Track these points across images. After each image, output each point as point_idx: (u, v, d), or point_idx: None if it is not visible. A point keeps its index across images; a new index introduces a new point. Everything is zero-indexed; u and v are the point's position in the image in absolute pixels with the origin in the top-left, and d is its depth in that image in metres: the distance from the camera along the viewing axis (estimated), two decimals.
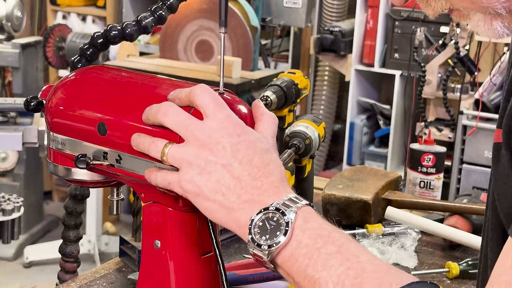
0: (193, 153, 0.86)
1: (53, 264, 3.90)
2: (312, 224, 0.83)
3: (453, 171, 3.65)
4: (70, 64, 1.24)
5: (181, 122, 0.88)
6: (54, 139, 1.05)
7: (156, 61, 3.83)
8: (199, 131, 0.87)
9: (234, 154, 0.85)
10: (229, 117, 0.88)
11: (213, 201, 0.85)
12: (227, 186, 0.85)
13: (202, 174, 0.86)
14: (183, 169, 0.87)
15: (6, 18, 3.93)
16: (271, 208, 0.83)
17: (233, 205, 0.85)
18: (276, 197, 0.84)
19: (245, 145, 0.86)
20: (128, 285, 1.31)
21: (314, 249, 0.80)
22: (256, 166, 0.86)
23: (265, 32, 4.19)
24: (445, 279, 1.40)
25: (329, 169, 4.57)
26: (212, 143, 0.86)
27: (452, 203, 1.63)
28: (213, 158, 0.85)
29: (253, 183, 0.85)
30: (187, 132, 0.88)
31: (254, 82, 3.48)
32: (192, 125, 0.88)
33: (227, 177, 0.85)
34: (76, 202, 1.33)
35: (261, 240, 0.82)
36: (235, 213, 0.85)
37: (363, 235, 1.53)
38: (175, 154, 0.87)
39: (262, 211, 0.83)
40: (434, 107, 3.90)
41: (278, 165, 0.88)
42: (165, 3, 1.22)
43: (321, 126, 1.47)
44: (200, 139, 0.86)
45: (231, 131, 0.87)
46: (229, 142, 0.86)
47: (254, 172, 0.85)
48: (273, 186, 0.85)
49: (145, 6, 4.52)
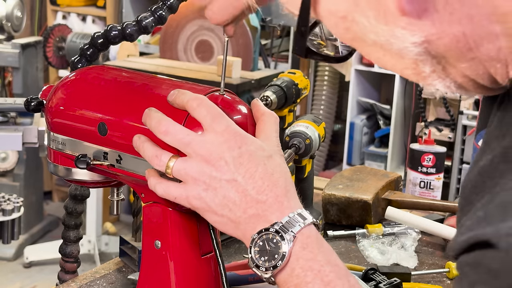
0: (197, 169, 0.87)
1: (53, 264, 3.91)
2: (307, 253, 0.84)
3: (453, 171, 3.66)
4: (70, 64, 1.24)
5: (182, 140, 0.88)
6: (54, 139, 1.05)
7: (156, 61, 3.83)
8: (200, 147, 0.87)
9: (237, 169, 0.86)
10: (228, 128, 0.88)
11: (221, 216, 0.87)
12: (233, 202, 0.86)
13: (208, 191, 0.86)
14: (189, 185, 0.88)
15: (6, 18, 3.93)
16: (272, 229, 0.84)
17: (240, 219, 0.86)
18: (280, 214, 0.85)
19: (247, 157, 0.87)
20: (128, 285, 1.31)
21: (304, 282, 0.83)
22: (260, 179, 0.86)
23: (265, 32, 4.19)
24: (445, 279, 1.40)
25: (329, 169, 4.57)
26: (214, 159, 0.86)
27: (452, 203, 1.63)
28: (217, 174, 0.86)
29: (258, 197, 0.86)
30: (188, 149, 0.88)
31: (254, 82, 3.48)
32: (193, 142, 0.88)
33: (232, 193, 0.86)
34: (76, 202, 1.33)
35: (260, 261, 0.85)
36: (242, 227, 0.86)
37: (363, 235, 1.53)
38: (180, 170, 0.88)
39: (263, 231, 0.85)
40: (434, 107, 3.90)
41: (283, 172, 0.88)
42: (165, 3, 1.22)
43: (321, 126, 1.47)
44: (202, 155, 0.87)
45: (231, 144, 0.87)
46: (231, 156, 0.86)
47: (259, 186, 0.86)
48: (278, 200, 0.86)
49: (145, 6, 4.52)
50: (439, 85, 0.74)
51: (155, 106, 0.95)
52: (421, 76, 0.74)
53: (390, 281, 1.31)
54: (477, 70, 0.71)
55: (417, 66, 0.73)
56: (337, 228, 1.58)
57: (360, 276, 1.33)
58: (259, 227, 0.85)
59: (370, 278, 1.33)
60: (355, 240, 1.52)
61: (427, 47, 0.71)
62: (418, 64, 0.73)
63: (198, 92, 0.95)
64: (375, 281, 1.32)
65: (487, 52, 0.69)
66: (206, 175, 0.86)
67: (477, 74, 0.72)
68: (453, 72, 0.73)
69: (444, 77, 0.74)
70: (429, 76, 0.74)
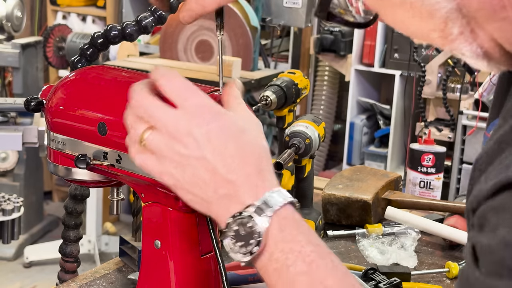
0: (167, 145, 0.83)
1: (53, 264, 3.91)
2: (287, 234, 0.80)
3: (453, 171, 3.66)
4: (70, 64, 1.24)
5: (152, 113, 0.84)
6: (54, 139, 1.05)
7: (156, 61, 3.83)
8: (169, 122, 0.83)
9: (206, 145, 0.81)
10: (199, 104, 0.84)
11: (193, 194, 0.83)
12: (203, 180, 0.82)
13: (178, 168, 0.83)
14: (161, 160, 0.84)
15: (6, 18, 3.93)
16: (245, 213, 0.80)
17: (211, 199, 0.82)
18: (253, 195, 0.81)
19: (215, 133, 0.82)
20: (128, 285, 1.31)
21: (284, 266, 0.79)
22: (230, 156, 0.81)
23: (265, 32, 4.19)
24: (445, 279, 1.40)
25: (329, 169, 4.57)
26: (182, 135, 0.82)
27: (452, 203, 1.63)
28: (185, 151, 0.82)
29: (227, 176, 0.81)
30: (158, 123, 0.84)
31: (254, 82, 3.48)
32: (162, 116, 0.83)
33: (201, 171, 0.82)
34: (76, 202, 1.33)
35: (236, 246, 0.81)
36: (214, 207, 0.83)
37: (363, 235, 1.53)
38: (152, 143, 0.84)
39: (236, 215, 0.80)
40: (434, 107, 3.90)
41: (256, 148, 0.84)
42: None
43: (321, 126, 1.47)
44: (170, 131, 0.83)
45: (200, 120, 0.82)
46: (199, 132, 0.82)
47: (228, 164, 0.81)
48: (249, 180, 0.82)
49: (145, 6, 4.52)
50: (465, 49, 0.74)
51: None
52: (448, 40, 0.73)
53: (390, 281, 1.31)
54: (506, 31, 0.71)
55: (446, 26, 0.73)
56: (337, 228, 1.58)
57: (360, 276, 1.33)
58: (232, 209, 0.81)
59: (370, 278, 1.33)
60: (355, 240, 1.53)
61: (459, 3, 0.70)
62: (447, 24, 0.72)
63: None
64: (375, 281, 1.32)
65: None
66: (175, 152, 0.82)
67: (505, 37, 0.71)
68: (481, 35, 0.72)
69: (472, 41, 0.73)
70: (457, 39, 0.73)
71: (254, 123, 0.87)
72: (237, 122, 0.85)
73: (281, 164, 1.32)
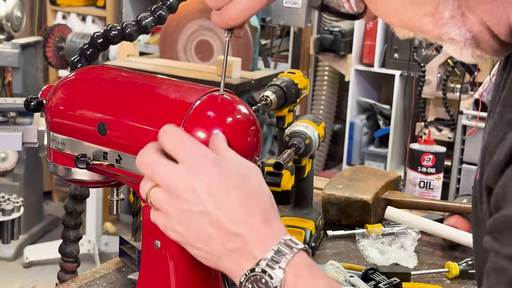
0: (168, 202, 0.82)
1: (53, 264, 3.91)
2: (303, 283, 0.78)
3: (453, 171, 3.65)
4: (70, 64, 1.24)
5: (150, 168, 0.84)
6: (54, 139, 1.05)
7: (156, 61, 3.83)
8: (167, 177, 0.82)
9: (207, 198, 0.80)
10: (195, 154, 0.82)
11: (199, 249, 0.82)
12: (209, 235, 0.80)
13: (182, 224, 0.81)
14: (165, 218, 0.83)
15: (6, 18, 3.93)
16: (258, 269, 0.78)
17: (219, 254, 0.81)
18: (263, 247, 0.79)
19: (216, 184, 0.80)
20: (128, 285, 1.31)
21: None
22: (233, 207, 0.80)
23: (265, 32, 4.19)
24: (445, 279, 1.40)
25: (329, 169, 4.57)
26: (181, 189, 0.81)
27: (452, 203, 1.63)
28: (186, 206, 0.80)
29: (233, 230, 0.79)
30: (156, 178, 0.83)
31: (254, 82, 3.48)
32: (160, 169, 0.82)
33: (206, 225, 0.80)
34: (76, 202, 1.33)
35: None
36: (223, 263, 0.81)
37: (363, 235, 1.53)
38: (155, 200, 0.83)
39: (249, 272, 0.79)
40: (434, 107, 3.90)
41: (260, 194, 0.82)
42: (165, 3, 1.22)
43: (321, 126, 1.47)
44: (169, 186, 0.82)
45: (199, 172, 0.81)
46: (199, 185, 0.80)
47: (233, 216, 0.79)
48: (256, 232, 0.80)
49: (145, 6, 4.52)
50: (454, 33, 0.75)
51: (155, 106, 0.95)
52: (439, 24, 0.75)
53: (389, 281, 1.31)
54: (496, 13, 0.73)
55: (437, 10, 0.74)
56: (336, 228, 1.58)
57: (360, 276, 1.33)
58: (244, 264, 0.79)
59: (370, 278, 1.33)
60: (355, 240, 1.53)
61: None
62: (438, 8, 0.74)
63: (198, 92, 0.95)
64: (374, 281, 1.32)
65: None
66: (176, 207, 0.81)
67: (494, 19, 0.73)
68: (471, 19, 0.74)
69: (461, 25, 0.75)
70: (447, 22, 0.74)
71: (253, 169, 0.85)
72: (237, 170, 0.83)
73: (281, 164, 1.32)
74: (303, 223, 1.46)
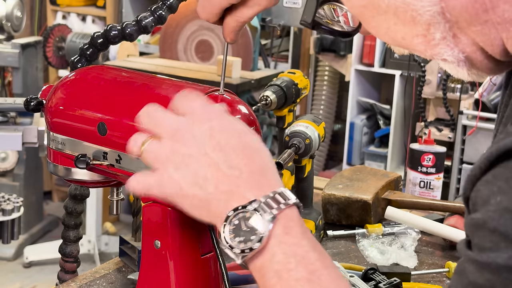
0: (167, 148, 0.80)
1: (53, 264, 3.91)
2: (291, 237, 0.76)
3: (453, 171, 3.65)
4: (70, 64, 1.24)
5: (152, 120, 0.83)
6: (54, 139, 1.05)
7: (156, 61, 3.83)
8: (169, 125, 0.81)
9: (207, 141, 0.79)
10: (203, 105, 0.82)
11: (193, 196, 0.79)
12: (204, 177, 0.78)
13: (179, 169, 0.79)
14: (160, 170, 0.80)
15: (6, 18, 3.93)
16: (250, 207, 0.76)
17: (210, 196, 0.78)
18: (258, 192, 0.77)
19: (218, 129, 0.80)
20: (128, 285, 1.31)
21: (285, 269, 0.74)
22: (232, 151, 0.78)
23: (265, 32, 4.19)
24: (445, 279, 1.40)
25: (329, 169, 4.57)
26: (182, 134, 0.80)
27: (452, 203, 1.63)
28: (186, 150, 0.79)
29: (229, 172, 0.77)
30: (157, 129, 0.82)
31: (254, 82, 3.48)
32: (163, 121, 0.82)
33: (203, 167, 0.78)
34: (76, 202, 1.33)
35: (234, 241, 0.76)
36: (214, 205, 0.78)
37: (363, 235, 1.53)
38: (150, 151, 0.81)
39: (239, 208, 0.76)
40: (434, 107, 3.90)
41: (259, 146, 0.81)
42: (165, 3, 1.22)
43: (321, 126, 1.47)
44: (169, 132, 0.81)
45: (202, 119, 0.81)
46: (200, 129, 0.80)
47: (231, 159, 0.78)
48: (253, 177, 0.78)
49: (145, 6, 4.52)
50: (447, 55, 0.74)
51: None
52: (431, 45, 0.74)
53: (390, 281, 1.31)
54: (488, 35, 0.71)
55: (428, 32, 0.73)
56: (337, 228, 1.58)
57: (360, 276, 1.33)
58: (234, 203, 0.76)
59: (370, 278, 1.33)
60: (355, 240, 1.53)
61: (443, 8, 0.71)
62: (429, 29, 0.73)
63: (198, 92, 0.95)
64: (374, 281, 1.32)
65: (502, 14, 0.70)
66: (176, 153, 0.79)
67: (487, 41, 0.72)
68: (463, 40, 0.73)
69: (453, 46, 0.74)
70: (439, 43, 0.74)
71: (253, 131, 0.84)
72: (239, 123, 0.82)
73: (281, 164, 1.32)
74: None
